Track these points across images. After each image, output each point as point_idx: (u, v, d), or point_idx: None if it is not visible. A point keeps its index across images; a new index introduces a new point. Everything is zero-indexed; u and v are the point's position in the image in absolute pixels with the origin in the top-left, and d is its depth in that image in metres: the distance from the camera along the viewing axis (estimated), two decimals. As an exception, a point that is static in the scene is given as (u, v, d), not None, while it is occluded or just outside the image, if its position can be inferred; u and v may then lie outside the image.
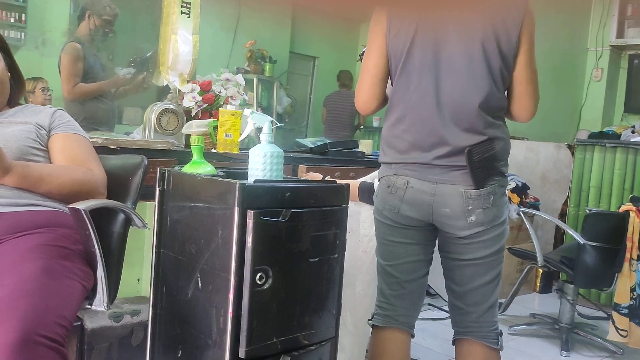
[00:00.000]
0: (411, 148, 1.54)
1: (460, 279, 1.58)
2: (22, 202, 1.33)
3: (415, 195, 1.54)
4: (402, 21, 1.53)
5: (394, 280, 1.63)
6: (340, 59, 6.69)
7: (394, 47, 1.55)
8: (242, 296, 1.15)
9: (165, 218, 1.37)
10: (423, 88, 1.51)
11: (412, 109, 1.53)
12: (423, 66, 1.51)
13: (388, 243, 1.62)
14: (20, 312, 1.02)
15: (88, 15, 3.12)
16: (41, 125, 1.49)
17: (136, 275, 2.56)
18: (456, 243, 1.55)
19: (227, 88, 2.51)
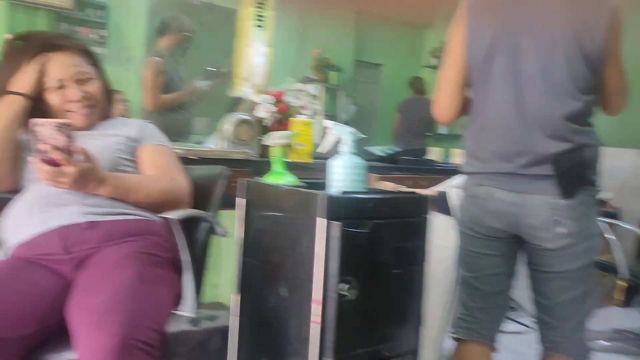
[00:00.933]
0: (494, 157, 1.51)
1: (548, 292, 1.53)
2: (115, 211, 1.39)
3: (500, 206, 1.50)
4: (480, 28, 1.51)
5: (477, 293, 1.60)
6: (406, 65, 6.65)
7: (473, 55, 1.52)
8: (327, 306, 1.16)
9: (249, 227, 1.41)
10: (504, 96, 1.48)
11: (494, 118, 1.50)
12: (503, 74, 1.48)
13: (471, 254, 1.60)
14: (119, 318, 1.07)
15: (168, 31, 3.26)
16: (131, 138, 1.56)
17: (214, 282, 2.63)
18: (543, 255, 1.50)
19: (299, 98, 2.55)
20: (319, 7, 5.59)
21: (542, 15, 1.45)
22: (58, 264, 1.31)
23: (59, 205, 1.36)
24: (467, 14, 1.53)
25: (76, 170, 1.26)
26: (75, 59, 1.51)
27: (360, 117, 6.35)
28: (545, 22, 1.45)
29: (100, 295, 1.14)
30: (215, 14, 4.96)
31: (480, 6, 1.54)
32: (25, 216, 1.37)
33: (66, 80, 1.49)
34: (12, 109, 1.44)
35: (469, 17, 1.53)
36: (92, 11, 4.53)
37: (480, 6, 1.54)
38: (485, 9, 1.53)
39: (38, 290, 1.24)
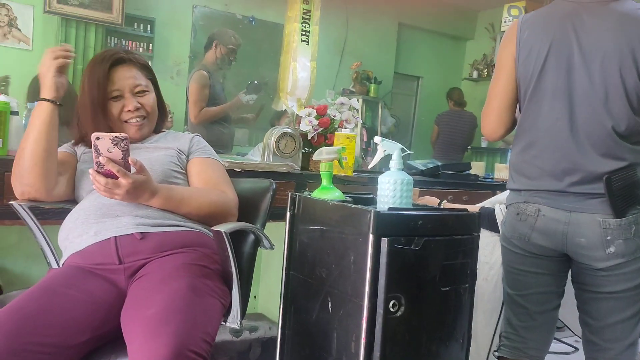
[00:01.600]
0: (542, 174, 1.49)
1: (597, 313, 1.50)
2: (167, 223, 1.43)
3: (548, 224, 1.49)
4: (533, 44, 1.50)
5: (523, 311, 1.58)
6: (445, 78, 6.60)
7: (524, 70, 1.52)
8: (375, 323, 1.16)
9: (295, 241, 1.42)
10: (556, 113, 1.47)
11: (544, 134, 1.49)
12: (555, 90, 1.47)
13: (517, 272, 1.58)
14: (172, 328, 1.10)
15: (215, 45, 3.34)
16: (181, 150, 1.61)
17: (253, 293, 2.66)
18: (593, 275, 1.48)
19: (341, 112, 2.56)
20: (360, 19, 5.62)
21: (595, 33, 1.44)
22: (112, 274, 1.35)
23: (112, 216, 1.40)
24: (519, 30, 1.54)
25: (130, 182, 1.30)
26: (134, 71, 1.57)
27: (399, 130, 6.33)
28: (598, 39, 1.44)
29: (154, 306, 1.17)
30: (261, 28, 5.05)
31: (533, 22, 1.54)
32: (81, 226, 1.42)
33: (124, 91, 1.55)
34: (41, 118, 1.44)
35: (521, 33, 1.53)
36: (139, 26, 4.68)
37: (533, 22, 1.54)
38: (537, 25, 1.53)
39: (93, 299, 1.28)
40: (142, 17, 4.67)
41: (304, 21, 2.50)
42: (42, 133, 1.43)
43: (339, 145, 2.35)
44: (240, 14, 5.06)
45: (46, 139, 1.43)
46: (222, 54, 3.31)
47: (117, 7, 3.99)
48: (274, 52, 2.99)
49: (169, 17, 4.76)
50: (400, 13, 6.08)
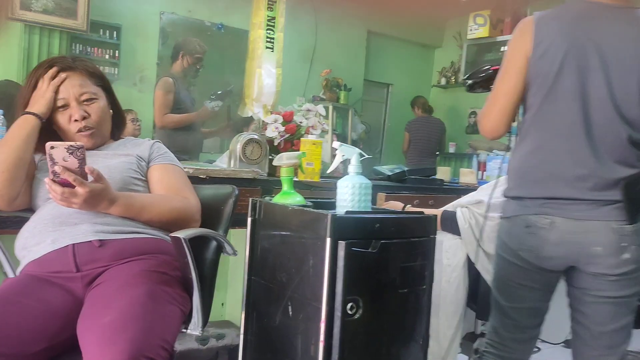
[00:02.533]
0: (552, 180, 1.45)
1: (600, 318, 1.47)
2: (127, 230, 1.42)
3: (563, 236, 1.44)
4: (550, 42, 1.45)
5: (513, 323, 1.56)
6: (414, 85, 6.69)
7: (538, 70, 1.46)
8: (333, 326, 1.17)
9: (256, 246, 1.42)
10: (572, 116, 1.42)
11: (557, 137, 1.45)
12: (571, 93, 1.42)
13: (516, 286, 1.54)
14: (128, 335, 1.09)
15: (182, 55, 3.36)
16: (141, 157, 1.59)
17: (220, 300, 2.64)
18: (601, 280, 1.45)
19: (308, 118, 2.58)
20: (329, 27, 5.66)
21: (617, 38, 1.42)
22: (69, 282, 1.33)
23: (71, 224, 1.39)
24: (535, 28, 1.47)
25: (87, 191, 1.29)
26: (81, 79, 1.54)
27: (369, 137, 6.38)
28: (619, 45, 1.41)
29: (111, 313, 1.16)
30: (227, 35, 5.05)
31: (549, 20, 1.48)
32: (38, 234, 1.40)
33: (69, 99, 1.52)
34: (25, 130, 1.47)
35: (537, 31, 1.47)
36: (105, 32, 4.62)
37: (549, 20, 1.48)
38: (554, 24, 1.47)
39: (49, 308, 1.26)
40: (108, 23, 4.61)
41: (269, 28, 2.51)
42: (22, 142, 1.45)
43: (305, 151, 2.36)
44: (208, 21, 5.05)
45: (24, 149, 1.45)
46: (189, 63, 3.34)
47: (82, 14, 3.95)
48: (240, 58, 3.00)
49: (135, 24, 4.72)
50: (369, 21, 6.14)
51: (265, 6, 2.49)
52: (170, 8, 4.92)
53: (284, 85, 2.81)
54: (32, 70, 1.57)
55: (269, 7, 2.49)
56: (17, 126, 1.48)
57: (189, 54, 3.39)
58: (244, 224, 1.47)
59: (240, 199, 1.64)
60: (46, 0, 3.85)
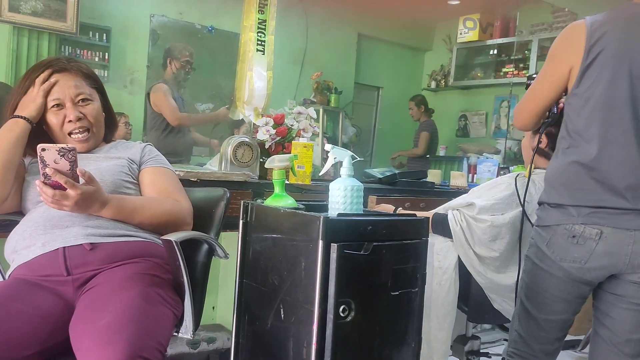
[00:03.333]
0: (599, 190, 1.42)
1: (630, 326, 1.46)
2: (118, 233, 1.41)
3: (611, 247, 1.41)
4: (603, 47, 1.42)
5: (545, 335, 1.55)
6: (405, 88, 6.70)
7: (588, 76, 1.44)
8: (325, 328, 1.17)
9: (248, 249, 1.42)
10: (623, 124, 1.39)
11: (607, 144, 1.41)
12: (623, 100, 1.40)
13: (550, 297, 1.53)
14: (125, 336, 1.09)
15: (169, 62, 3.41)
16: (133, 160, 1.59)
17: (211, 303, 2.63)
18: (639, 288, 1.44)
19: (299, 121, 2.58)
20: (320, 30, 5.67)
21: None
22: (60, 285, 1.32)
23: (61, 227, 1.38)
24: (588, 33, 1.44)
25: (79, 193, 1.29)
26: (76, 80, 1.54)
27: (360, 140, 6.39)
28: None
29: (106, 316, 1.15)
30: (219, 37, 5.04)
31: (599, 27, 1.44)
32: (28, 238, 1.39)
33: (64, 100, 1.51)
34: (15, 133, 1.47)
35: (590, 36, 1.43)
36: (95, 35, 4.60)
37: (599, 27, 1.44)
38: (609, 29, 1.43)
39: (39, 312, 1.25)
40: (98, 25, 4.58)
41: (260, 31, 2.51)
42: (11, 145, 1.45)
43: (296, 154, 2.36)
44: (199, 24, 5.04)
45: (14, 152, 1.45)
46: (177, 68, 3.38)
47: (72, 16, 3.92)
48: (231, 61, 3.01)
49: (125, 26, 4.70)
50: (360, 24, 6.16)
51: (256, 9, 2.50)
52: (160, 10, 4.90)
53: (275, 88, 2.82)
54: (27, 71, 1.56)
55: (260, 10, 2.50)
56: (6, 129, 1.48)
57: (175, 59, 3.47)
58: (235, 227, 1.46)
59: (231, 201, 1.64)
60: (35, 2, 3.82)
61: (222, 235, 2.25)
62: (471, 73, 6.08)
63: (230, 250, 1.50)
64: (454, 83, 6.20)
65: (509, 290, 1.89)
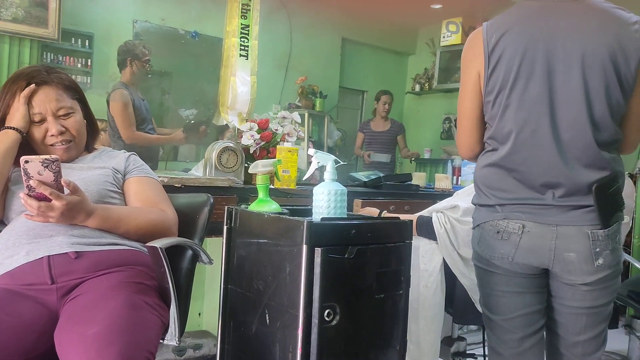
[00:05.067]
0: (519, 188, 1.42)
1: (574, 328, 1.46)
2: (104, 242, 1.40)
3: (534, 241, 1.40)
4: (504, 49, 1.40)
5: (511, 337, 1.49)
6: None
7: (495, 79, 1.42)
8: (310, 333, 1.17)
9: (233, 255, 1.42)
10: (534, 123, 1.38)
11: (522, 145, 1.40)
12: (533, 99, 1.38)
13: (501, 294, 1.49)
14: (117, 348, 1.08)
15: (130, 62, 3.30)
16: (117, 170, 1.58)
17: (197, 310, 2.62)
18: (575, 290, 1.43)
19: (283, 125, 2.58)
20: (304, 34, 5.68)
21: (573, 34, 1.36)
22: (44, 294, 1.31)
23: (46, 236, 1.37)
24: (485, 38, 1.43)
25: (64, 204, 1.28)
26: (57, 93, 1.53)
27: (345, 143, 6.41)
28: (577, 41, 1.36)
29: (94, 326, 1.14)
30: (202, 42, 5.03)
31: (500, 27, 1.43)
32: (11, 247, 1.37)
33: (46, 114, 1.51)
34: (4, 144, 1.46)
35: (487, 40, 1.43)
36: (77, 41, 4.56)
37: (500, 27, 1.43)
38: (506, 29, 1.42)
39: (22, 321, 1.23)
40: (80, 32, 4.55)
41: (243, 36, 2.51)
42: (1, 156, 1.44)
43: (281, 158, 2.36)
44: (182, 29, 5.03)
45: (3, 163, 1.45)
46: (138, 68, 3.29)
47: (53, 22, 3.89)
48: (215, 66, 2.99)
49: (108, 32, 4.67)
50: (344, 28, 6.18)
51: (238, 14, 2.50)
52: (143, 16, 4.88)
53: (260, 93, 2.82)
54: (7, 82, 1.55)
55: (243, 15, 2.50)
56: None
57: (137, 59, 3.33)
58: (219, 232, 1.46)
59: (216, 207, 1.64)
60: (16, 9, 3.79)
61: (206, 240, 2.26)
62: (454, 76, 6.12)
63: (215, 256, 1.49)
64: (438, 86, 6.25)
65: (493, 291, 1.90)
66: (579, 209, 1.38)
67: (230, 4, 2.54)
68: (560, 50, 1.36)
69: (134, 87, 3.36)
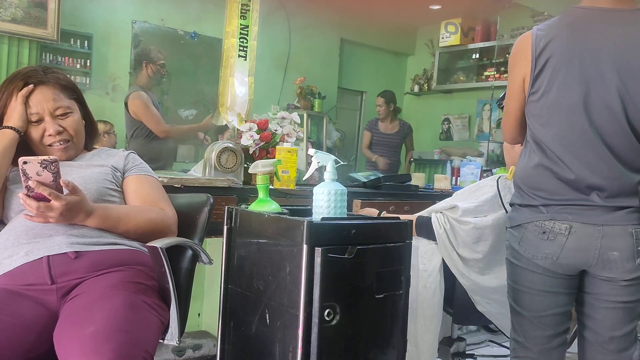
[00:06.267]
0: (565, 189, 1.46)
1: (611, 323, 1.49)
2: (103, 242, 1.40)
3: (580, 241, 1.44)
4: (551, 55, 1.46)
5: (541, 334, 1.54)
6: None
7: (539, 84, 1.49)
8: (310, 332, 1.17)
9: (233, 255, 1.42)
10: (578, 127, 1.44)
11: (565, 149, 1.46)
12: (575, 104, 1.44)
13: (536, 293, 1.53)
14: (113, 346, 1.08)
15: (145, 65, 3.35)
16: (116, 168, 1.58)
17: (197, 310, 2.62)
18: (614, 285, 1.47)
19: (283, 126, 2.58)
20: (302, 35, 5.68)
21: (621, 43, 1.42)
22: (43, 294, 1.31)
23: (45, 235, 1.37)
24: (534, 44, 1.49)
25: (63, 204, 1.29)
26: (54, 93, 1.53)
27: (344, 144, 6.41)
28: (624, 51, 1.41)
29: (93, 324, 1.14)
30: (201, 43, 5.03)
31: (548, 34, 1.48)
32: (11, 247, 1.37)
33: (43, 114, 1.51)
34: (3, 143, 1.46)
35: (536, 46, 1.48)
36: (76, 42, 4.56)
37: (548, 34, 1.48)
38: (554, 36, 1.47)
39: (22, 322, 1.23)
40: (79, 32, 4.55)
41: (242, 36, 2.51)
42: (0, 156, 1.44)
43: (280, 159, 2.36)
44: (181, 30, 5.03)
45: (0, 163, 1.45)
46: (153, 71, 3.34)
47: (52, 23, 3.88)
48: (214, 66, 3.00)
49: (107, 33, 4.67)
50: (342, 29, 6.18)
51: (238, 14, 2.50)
52: (142, 17, 4.88)
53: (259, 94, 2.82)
54: (4, 82, 1.55)
55: (242, 16, 2.50)
56: None
57: (152, 62, 3.40)
58: (219, 232, 1.46)
59: (215, 207, 1.64)
60: (15, 9, 3.78)
61: (206, 241, 2.26)
62: (453, 77, 6.14)
63: (215, 256, 1.49)
64: (437, 87, 6.25)
65: (492, 292, 1.91)
66: (622, 209, 1.42)
67: (229, 4, 2.54)
68: (604, 59, 1.42)
69: (150, 91, 3.42)
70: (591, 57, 1.43)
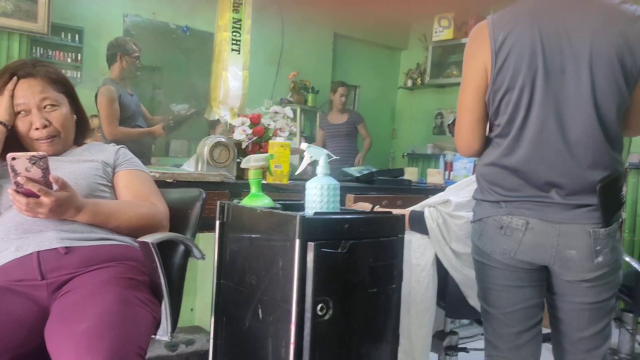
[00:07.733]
0: (524, 186, 1.42)
1: (577, 324, 1.46)
2: (94, 237, 1.39)
3: (537, 238, 1.41)
4: (512, 46, 1.38)
5: (509, 331, 1.50)
6: (381, 87, 6.75)
7: (503, 77, 1.40)
8: (303, 327, 1.17)
9: (225, 250, 1.42)
10: (541, 122, 1.37)
11: (529, 143, 1.40)
12: (542, 97, 1.37)
13: (501, 288, 1.50)
14: (107, 343, 1.07)
15: (119, 57, 3.28)
16: (107, 163, 1.57)
17: (190, 305, 2.61)
18: (576, 286, 1.43)
19: (275, 120, 2.57)
20: (296, 29, 5.66)
21: (581, 31, 1.34)
22: (34, 290, 1.30)
23: (35, 231, 1.36)
24: (491, 34, 1.40)
25: (53, 200, 1.27)
26: (42, 85, 1.51)
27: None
28: (585, 39, 1.34)
29: (85, 321, 1.13)
30: (193, 37, 5.01)
31: (506, 23, 1.40)
32: (1, 242, 1.36)
33: (29, 105, 1.49)
34: None
35: (494, 36, 1.40)
36: (67, 35, 4.53)
37: (506, 23, 1.40)
38: (512, 25, 1.39)
39: (12, 317, 1.22)
40: (70, 26, 4.52)
41: (235, 30, 2.49)
42: None
43: (273, 153, 2.36)
44: (173, 23, 5.00)
45: None
46: (128, 64, 3.27)
47: (43, 16, 3.84)
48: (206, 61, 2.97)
49: (98, 27, 4.63)
50: (336, 23, 6.17)
51: (230, 8, 2.48)
52: (133, 10, 4.85)
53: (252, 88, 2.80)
54: None
55: (235, 9, 2.48)
56: None
57: (127, 54, 3.31)
58: (212, 227, 1.46)
59: (208, 202, 1.63)
60: (4, 3, 3.74)
61: (198, 236, 2.24)
62: (447, 71, 6.13)
63: (207, 251, 1.49)
64: (430, 81, 6.25)
65: (484, 285, 1.90)
66: (581, 207, 1.38)
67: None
68: (568, 50, 1.35)
69: (123, 82, 3.33)
70: (554, 49, 1.35)
